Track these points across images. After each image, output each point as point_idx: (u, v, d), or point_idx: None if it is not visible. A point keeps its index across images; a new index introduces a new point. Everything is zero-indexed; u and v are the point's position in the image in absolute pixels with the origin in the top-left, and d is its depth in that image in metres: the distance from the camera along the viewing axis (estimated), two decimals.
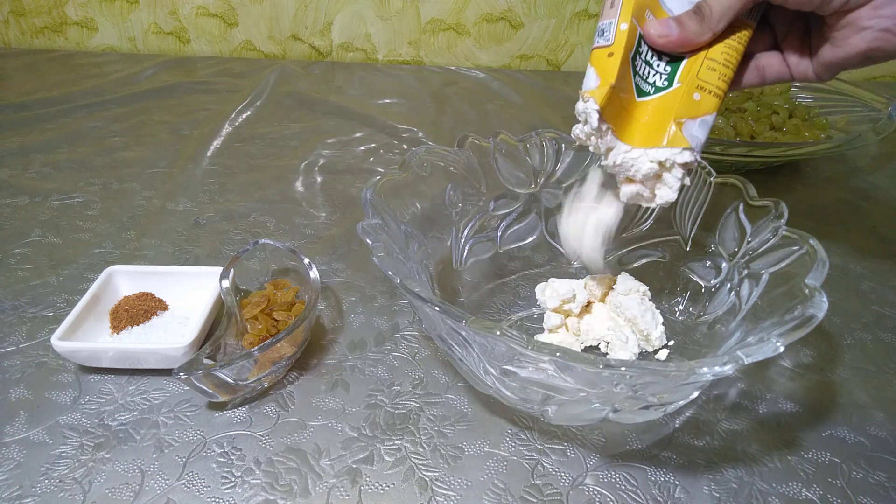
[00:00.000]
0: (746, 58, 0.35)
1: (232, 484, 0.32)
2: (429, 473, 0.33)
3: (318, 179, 0.63)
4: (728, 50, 0.33)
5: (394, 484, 0.33)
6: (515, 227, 0.47)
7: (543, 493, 0.32)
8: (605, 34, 0.33)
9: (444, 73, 0.94)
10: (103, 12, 0.97)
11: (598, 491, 0.32)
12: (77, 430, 0.35)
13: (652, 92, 0.33)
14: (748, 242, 0.38)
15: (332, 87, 0.87)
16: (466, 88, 0.88)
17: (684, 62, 0.33)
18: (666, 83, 0.33)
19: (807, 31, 0.35)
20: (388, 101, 0.83)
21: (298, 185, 0.61)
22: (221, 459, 0.34)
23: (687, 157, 0.32)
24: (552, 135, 0.45)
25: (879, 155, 0.70)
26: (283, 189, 0.61)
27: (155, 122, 0.75)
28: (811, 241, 0.33)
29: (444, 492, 0.32)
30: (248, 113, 0.77)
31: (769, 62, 0.36)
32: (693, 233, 0.43)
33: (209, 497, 0.32)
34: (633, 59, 0.33)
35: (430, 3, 0.94)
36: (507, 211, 0.46)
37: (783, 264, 0.34)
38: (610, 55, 0.32)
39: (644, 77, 0.33)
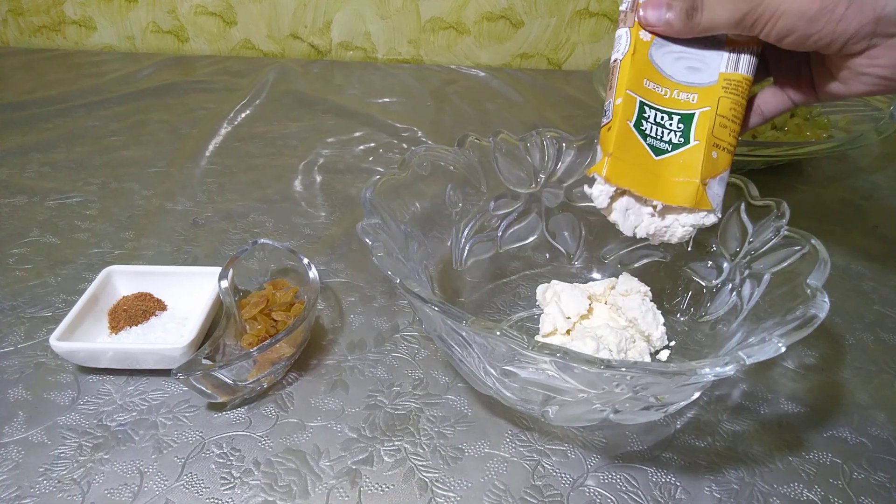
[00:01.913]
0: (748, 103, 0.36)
1: (231, 485, 0.32)
2: (429, 474, 0.33)
3: (318, 179, 0.62)
4: (734, 106, 0.33)
5: (394, 485, 0.33)
6: (516, 227, 0.47)
7: (544, 494, 0.32)
8: (607, 113, 0.34)
9: (444, 71, 0.94)
10: (102, 11, 0.97)
11: (598, 492, 0.32)
12: (76, 431, 0.35)
13: (670, 150, 0.33)
14: (750, 242, 0.38)
15: (332, 86, 0.86)
16: (466, 87, 0.88)
17: (696, 118, 0.33)
18: (682, 140, 0.33)
19: (802, 63, 0.35)
20: (387, 100, 0.82)
21: (297, 185, 0.61)
22: (220, 460, 0.34)
23: (712, 219, 0.34)
24: (553, 134, 0.44)
25: (881, 154, 0.70)
26: (283, 188, 0.60)
27: (153, 121, 0.74)
28: (813, 241, 0.33)
29: (444, 493, 0.32)
30: (247, 112, 0.77)
31: (765, 99, 0.36)
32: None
33: (208, 498, 0.32)
34: (639, 125, 0.33)
35: (430, 2, 0.93)
36: (507, 211, 0.46)
37: (785, 264, 0.34)
38: (609, 129, 0.33)
39: (658, 137, 0.34)
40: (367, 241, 0.32)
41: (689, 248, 0.42)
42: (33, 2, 0.96)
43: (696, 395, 0.34)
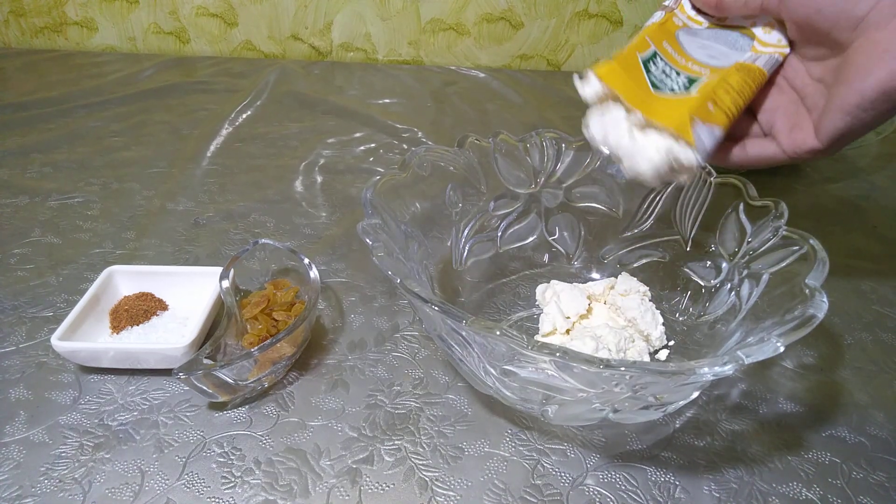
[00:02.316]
0: (735, 139, 0.37)
1: (232, 484, 0.32)
2: (429, 473, 0.33)
3: (318, 179, 0.63)
4: (745, 79, 0.34)
5: (394, 484, 0.33)
6: (516, 227, 0.47)
7: (543, 494, 0.32)
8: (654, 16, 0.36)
9: (444, 72, 0.94)
10: (103, 12, 0.97)
11: (598, 491, 0.32)
12: (77, 431, 0.35)
13: (667, 92, 0.34)
14: (748, 242, 0.38)
15: (332, 87, 0.87)
16: (466, 88, 0.88)
17: (702, 80, 0.34)
18: (683, 90, 0.34)
19: (798, 110, 0.34)
20: (387, 100, 0.83)
21: (298, 185, 0.61)
22: (221, 459, 0.34)
23: (689, 156, 0.32)
24: (552, 134, 0.45)
25: (880, 155, 0.70)
26: (283, 189, 0.60)
27: (155, 121, 0.75)
28: (811, 241, 0.33)
29: (444, 492, 0.32)
30: (248, 113, 0.77)
31: (751, 140, 0.36)
32: (693, 233, 0.43)
33: (209, 497, 0.32)
34: (647, 65, 0.34)
35: (430, 3, 0.94)
36: (507, 211, 0.46)
37: (783, 264, 0.34)
38: (618, 52, 0.35)
39: (660, 80, 0.34)
40: (368, 241, 0.33)
41: (688, 248, 0.43)
42: (35, 3, 0.96)
43: (695, 394, 0.34)
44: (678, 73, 0.34)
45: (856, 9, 0.28)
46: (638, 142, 0.33)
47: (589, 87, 0.35)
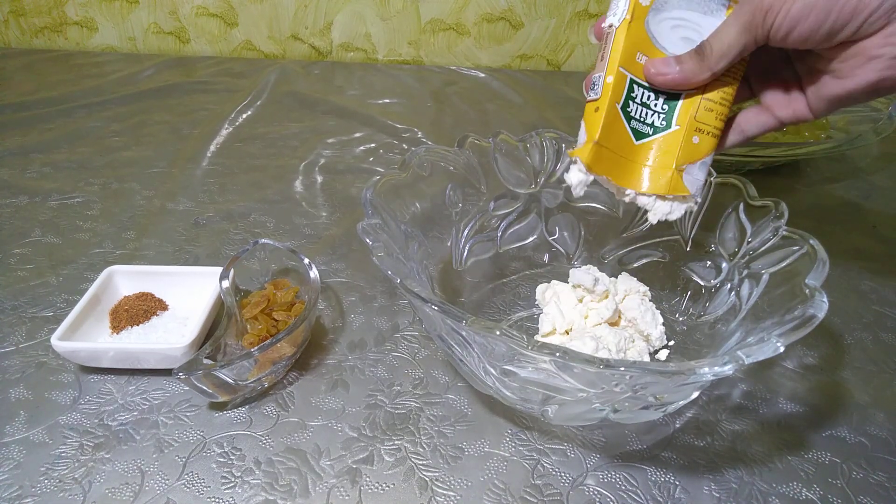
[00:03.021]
0: (727, 121, 0.35)
1: (232, 484, 0.32)
2: (429, 473, 0.33)
3: (318, 179, 0.63)
4: (724, 89, 0.33)
5: (394, 484, 0.33)
6: (516, 227, 0.47)
7: (543, 494, 0.32)
8: (595, 87, 0.33)
9: (444, 72, 0.94)
10: (103, 12, 0.97)
11: (598, 491, 0.32)
12: (77, 430, 0.35)
13: (651, 133, 0.34)
14: (748, 242, 0.38)
15: (332, 87, 0.87)
16: (466, 88, 0.88)
17: (681, 102, 0.33)
18: (664, 123, 0.33)
19: (788, 75, 0.34)
20: (387, 101, 0.83)
21: (298, 185, 0.61)
22: (221, 459, 0.34)
23: (690, 204, 0.34)
24: (552, 135, 0.45)
25: (880, 155, 0.70)
26: (283, 189, 0.60)
27: (155, 122, 0.75)
28: (811, 241, 0.33)
29: (444, 492, 0.32)
30: (248, 113, 0.77)
31: (747, 118, 0.35)
32: (693, 233, 0.43)
33: (209, 497, 0.32)
34: (625, 107, 0.33)
35: (430, 3, 0.94)
36: (507, 211, 0.46)
37: (783, 264, 0.34)
38: (596, 110, 0.33)
39: (641, 119, 0.34)
40: (368, 241, 0.33)
41: (688, 248, 0.43)
42: (35, 3, 0.96)
43: (696, 394, 0.34)
44: (657, 96, 0.33)
45: (845, 30, 0.29)
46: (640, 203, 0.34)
47: (579, 183, 0.34)
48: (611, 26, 0.33)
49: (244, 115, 0.76)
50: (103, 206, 0.57)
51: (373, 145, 0.70)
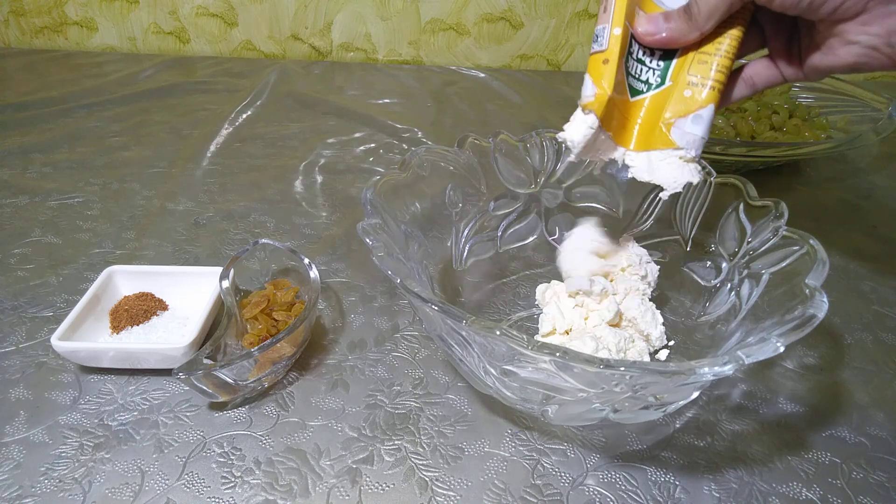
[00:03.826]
0: (735, 72, 0.35)
1: (232, 484, 0.32)
2: (429, 473, 0.33)
3: (318, 179, 0.63)
4: (723, 39, 0.32)
5: (394, 484, 0.33)
6: (516, 227, 0.47)
7: (543, 494, 0.32)
8: (600, 39, 0.33)
9: (444, 72, 0.94)
10: (103, 12, 0.97)
11: (598, 491, 0.32)
12: (77, 430, 0.35)
13: (645, 90, 0.33)
14: (748, 242, 0.38)
15: (332, 87, 0.87)
16: (466, 88, 0.88)
17: (676, 59, 0.33)
18: (659, 80, 0.33)
19: (794, 33, 0.34)
20: (387, 101, 0.83)
21: (298, 185, 0.61)
22: (221, 459, 0.34)
23: (681, 154, 0.33)
24: (552, 135, 0.45)
25: (880, 155, 0.70)
26: (283, 189, 0.60)
27: (155, 122, 0.75)
28: (811, 241, 0.33)
29: (444, 492, 0.32)
30: (248, 113, 0.77)
31: (757, 70, 0.35)
32: (693, 233, 0.43)
33: (209, 497, 0.32)
34: (626, 60, 0.33)
35: (430, 3, 0.94)
36: (507, 211, 0.46)
37: (783, 264, 0.34)
38: (605, 62, 0.32)
39: (637, 76, 0.33)
40: (368, 241, 0.33)
41: (688, 248, 0.43)
42: (35, 3, 0.96)
43: (696, 394, 0.34)
44: (653, 52, 0.33)
45: (825, 7, 0.29)
46: (639, 167, 0.34)
47: (582, 131, 0.33)
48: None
49: (244, 115, 0.76)
50: (103, 206, 0.57)
51: (373, 145, 0.70)
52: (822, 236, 0.34)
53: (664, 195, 0.34)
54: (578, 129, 0.33)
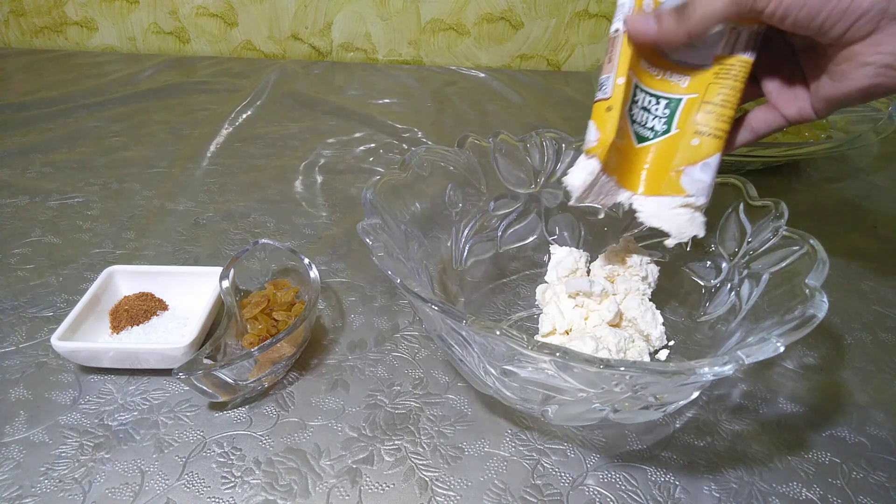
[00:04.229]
0: (737, 120, 0.35)
1: (232, 484, 0.32)
2: (429, 473, 0.33)
3: (318, 179, 0.63)
4: (725, 90, 0.33)
5: (394, 484, 0.33)
6: (516, 227, 0.47)
7: (543, 494, 0.32)
8: (604, 88, 0.33)
9: (444, 73, 0.94)
10: (103, 12, 0.97)
11: (598, 491, 0.32)
12: (77, 430, 0.35)
13: (652, 137, 0.34)
14: (748, 242, 0.38)
15: (332, 87, 0.87)
16: (466, 88, 0.88)
17: (681, 106, 0.33)
18: (665, 127, 0.34)
19: (794, 73, 0.34)
20: (387, 101, 0.83)
21: (298, 185, 0.61)
22: (221, 459, 0.34)
23: (691, 201, 0.33)
24: (552, 135, 0.45)
25: (880, 155, 0.70)
26: (283, 189, 0.60)
27: (155, 122, 0.75)
28: (811, 241, 0.33)
29: (444, 492, 0.32)
30: (248, 113, 0.77)
31: (756, 116, 0.35)
32: None
33: (209, 497, 0.32)
34: (630, 109, 0.34)
35: (430, 3, 0.94)
36: (507, 211, 0.46)
37: (783, 264, 0.34)
38: (609, 109, 0.33)
39: (643, 123, 0.34)
40: (368, 241, 0.33)
41: (689, 248, 0.43)
42: (35, 3, 0.96)
43: (696, 394, 0.34)
44: (657, 101, 0.34)
45: (835, 29, 0.29)
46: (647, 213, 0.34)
47: (585, 177, 0.33)
48: (617, 31, 0.33)
49: (244, 115, 0.76)
50: (103, 206, 0.57)
51: (373, 145, 0.70)
52: (822, 236, 0.34)
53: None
54: (579, 174, 0.34)
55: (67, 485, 0.32)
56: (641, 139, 0.34)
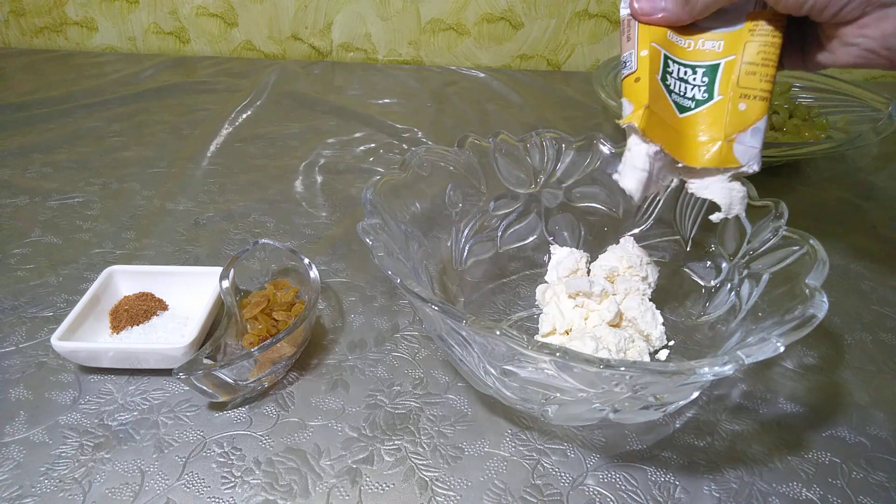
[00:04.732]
0: None
1: (232, 484, 0.32)
2: (429, 473, 0.33)
3: (318, 179, 0.63)
4: (764, 48, 0.32)
5: (394, 484, 0.33)
6: (516, 227, 0.47)
7: (543, 494, 0.32)
8: (629, 64, 0.33)
9: (444, 73, 0.94)
10: (103, 12, 0.97)
11: (598, 491, 0.32)
12: (77, 431, 0.35)
13: (694, 106, 0.32)
14: (748, 242, 0.38)
15: (332, 87, 0.87)
16: (466, 88, 0.88)
17: (720, 71, 0.32)
18: (706, 95, 0.32)
19: (803, 32, 0.34)
20: (387, 101, 0.83)
21: (298, 185, 0.61)
22: (221, 459, 0.34)
23: (744, 170, 0.32)
24: (552, 135, 0.45)
25: (880, 155, 0.70)
26: (283, 189, 0.61)
27: (155, 121, 0.75)
28: (811, 241, 0.33)
29: (444, 492, 0.32)
30: (248, 113, 0.77)
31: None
32: (693, 233, 0.43)
33: (209, 497, 0.32)
34: (664, 79, 0.33)
35: (430, 3, 0.94)
36: (507, 211, 0.46)
37: (783, 264, 0.34)
38: (637, 80, 0.33)
39: (682, 94, 0.33)
40: (368, 241, 0.33)
41: (688, 248, 0.43)
42: (35, 3, 0.96)
43: (696, 394, 0.34)
44: (694, 70, 0.32)
45: (827, 11, 0.30)
46: (695, 185, 0.33)
47: (639, 153, 0.33)
48: (629, 14, 0.34)
49: (244, 115, 0.76)
50: (103, 206, 0.57)
51: (373, 145, 0.70)
52: (822, 236, 0.34)
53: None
54: (628, 152, 0.33)
55: (67, 485, 0.32)
56: (683, 109, 0.33)
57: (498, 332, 0.26)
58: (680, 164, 0.33)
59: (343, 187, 0.61)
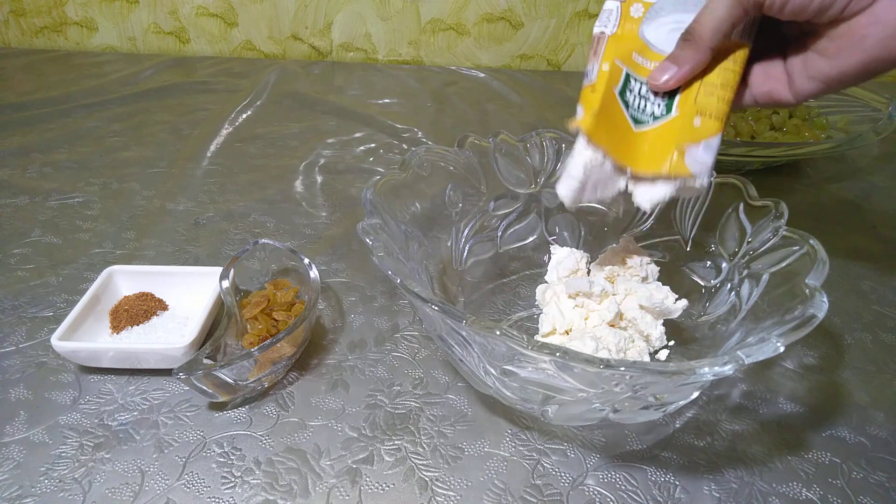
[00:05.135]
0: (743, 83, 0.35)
1: (232, 484, 0.32)
2: (429, 473, 0.33)
3: (318, 179, 0.63)
4: (723, 73, 0.32)
5: (394, 484, 0.33)
6: (516, 227, 0.47)
7: (543, 494, 0.32)
8: (590, 75, 0.36)
9: (444, 73, 0.94)
10: (103, 12, 0.97)
11: (598, 491, 0.32)
12: (77, 430, 0.35)
13: (650, 122, 0.33)
14: (748, 242, 0.38)
15: (332, 87, 0.87)
16: (466, 88, 0.88)
17: (681, 91, 0.33)
18: (664, 112, 0.33)
19: (774, 56, 0.34)
20: (387, 101, 0.83)
21: (298, 185, 0.61)
22: (221, 459, 0.34)
23: (692, 183, 0.33)
24: (552, 135, 0.45)
25: (880, 155, 0.70)
26: (283, 189, 0.61)
27: (155, 122, 0.75)
28: (811, 241, 0.33)
29: (444, 492, 0.32)
30: (248, 113, 0.77)
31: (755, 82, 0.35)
32: (693, 233, 0.43)
33: (209, 497, 0.32)
34: (623, 94, 0.34)
35: (430, 3, 0.94)
36: (507, 211, 0.46)
37: (783, 264, 0.34)
38: (593, 90, 0.35)
39: (640, 109, 0.34)
40: (368, 241, 0.33)
41: (688, 248, 0.43)
42: (35, 3, 0.96)
43: (696, 394, 0.34)
44: (656, 91, 0.33)
45: (835, 6, 0.29)
46: (638, 189, 0.34)
47: (581, 151, 0.35)
48: (602, 33, 0.35)
49: (244, 115, 0.76)
50: (103, 206, 0.57)
51: (373, 145, 0.70)
52: (822, 236, 0.34)
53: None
54: (570, 159, 0.35)
55: (67, 485, 0.32)
56: (640, 123, 0.33)
57: (498, 332, 0.26)
58: (628, 173, 0.34)
59: (343, 187, 0.61)
